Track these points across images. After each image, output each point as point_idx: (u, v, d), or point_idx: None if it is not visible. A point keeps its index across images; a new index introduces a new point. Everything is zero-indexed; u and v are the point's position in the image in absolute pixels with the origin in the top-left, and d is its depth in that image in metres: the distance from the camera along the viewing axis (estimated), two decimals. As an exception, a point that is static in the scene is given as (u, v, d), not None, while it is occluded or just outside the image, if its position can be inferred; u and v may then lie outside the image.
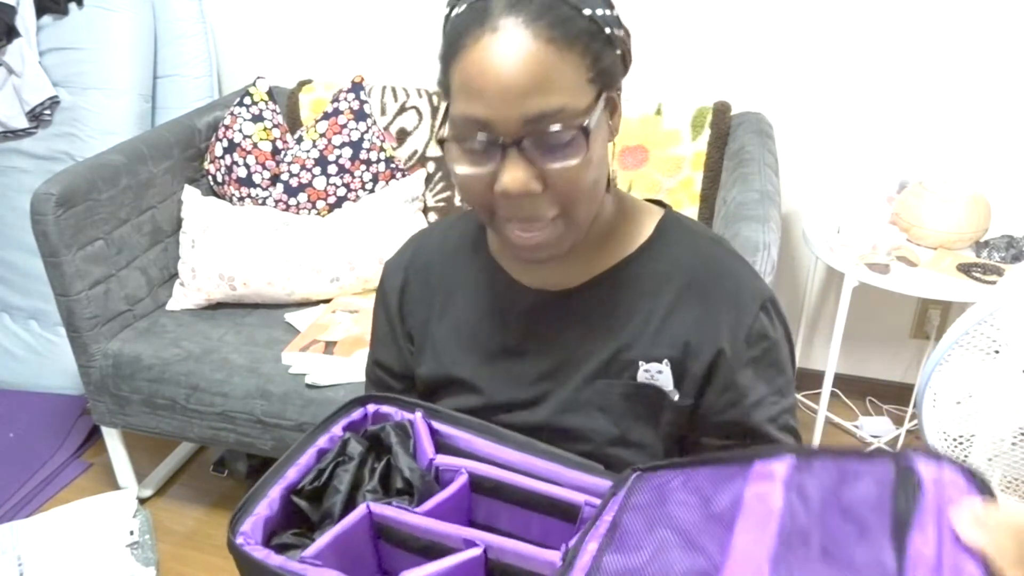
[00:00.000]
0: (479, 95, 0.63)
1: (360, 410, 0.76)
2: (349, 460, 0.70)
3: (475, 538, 0.63)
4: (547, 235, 0.68)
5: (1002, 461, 1.09)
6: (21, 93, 2.05)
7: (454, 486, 0.68)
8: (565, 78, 0.63)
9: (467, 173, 0.67)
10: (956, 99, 1.82)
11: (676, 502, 0.60)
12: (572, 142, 0.64)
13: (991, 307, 1.07)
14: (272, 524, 0.66)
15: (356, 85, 1.95)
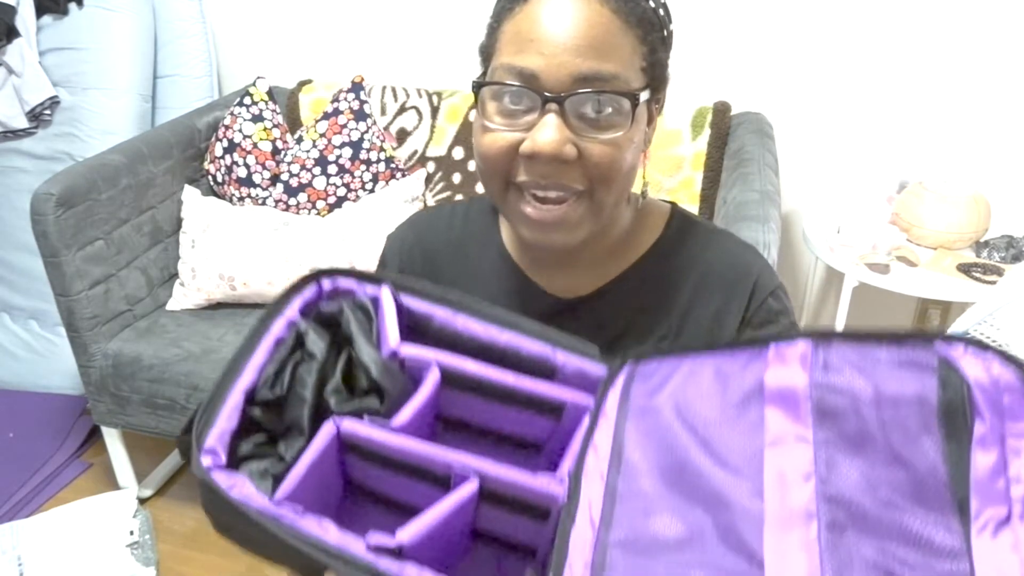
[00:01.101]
0: (531, 44, 0.60)
1: (314, 287, 0.64)
2: (311, 359, 0.59)
3: (463, 465, 0.54)
4: (566, 212, 0.64)
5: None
6: (21, 93, 2.05)
7: (427, 388, 0.59)
8: (623, 51, 0.61)
9: (496, 127, 0.63)
10: (956, 99, 1.82)
11: (686, 404, 0.53)
12: (618, 114, 0.62)
13: (991, 307, 1.07)
14: (234, 433, 0.56)
15: (356, 85, 1.95)
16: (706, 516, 0.46)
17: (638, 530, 0.48)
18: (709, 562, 0.44)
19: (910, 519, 0.41)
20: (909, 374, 0.46)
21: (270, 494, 0.52)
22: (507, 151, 0.63)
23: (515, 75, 0.61)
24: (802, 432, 0.47)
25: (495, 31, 0.65)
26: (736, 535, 0.44)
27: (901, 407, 0.45)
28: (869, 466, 0.44)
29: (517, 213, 0.66)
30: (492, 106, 0.63)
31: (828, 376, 0.48)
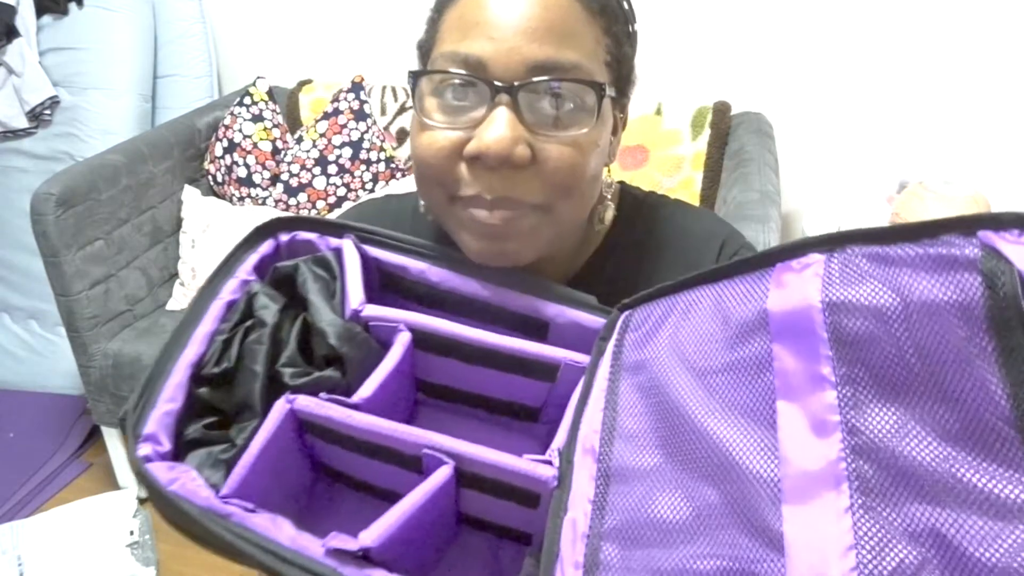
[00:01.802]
0: (476, 28, 0.52)
1: (270, 241, 0.56)
2: (261, 327, 0.51)
3: (438, 446, 0.47)
4: (517, 222, 0.54)
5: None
6: (21, 93, 2.05)
7: (394, 355, 0.52)
8: (585, 39, 0.53)
9: (436, 125, 0.53)
10: (956, 99, 1.82)
11: (683, 351, 0.45)
12: (580, 110, 0.53)
13: (991, 307, 1.07)
14: (180, 415, 0.49)
15: (356, 85, 1.95)
16: (714, 490, 0.38)
17: (636, 515, 0.41)
18: (719, 550, 0.37)
19: (968, 472, 0.31)
20: (947, 276, 0.34)
21: (221, 486, 0.46)
22: (449, 153, 0.53)
23: (459, 63, 0.52)
24: (819, 370, 0.37)
25: (436, 23, 0.58)
26: (750, 511, 0.36)
27: (941, 321, 0.34)
28: (908, 406, 0.34)
29: (462, 224, 0.56)
30: (432, 102, 0.54)
31: (846, 292, 0.37)
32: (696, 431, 0.41)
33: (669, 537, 0.39)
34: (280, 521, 0.44)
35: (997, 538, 0.29)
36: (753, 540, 0.35)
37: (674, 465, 0.41)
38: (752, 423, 0.38)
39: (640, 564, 0.39)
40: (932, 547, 0.31)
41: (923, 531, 0.31)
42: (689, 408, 0.42)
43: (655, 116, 1.82)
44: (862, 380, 0.36)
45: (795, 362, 0.38)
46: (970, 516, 0.30)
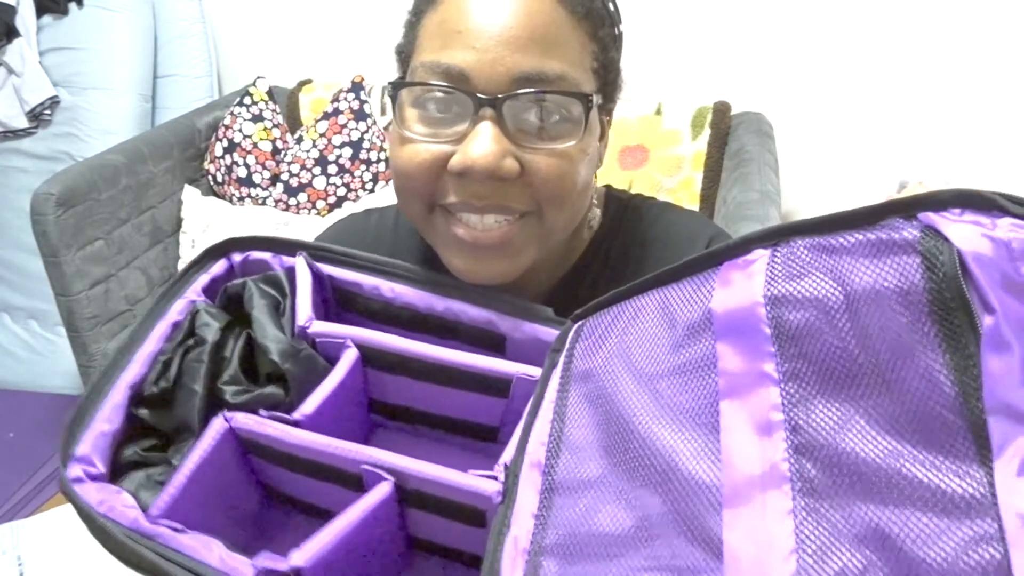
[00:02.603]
0: (458, 37, 0.50)
1: (222, 262, 0.55)
2: (201, 344, 0.50)
3: (376, 462, 0.45)
4: (507, 232, 0.53)
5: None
6: (21, 93, 2.05)
7: (339, 371, 0.50)
8: (571, 47, 0.51)
9: (418, 138, 0.52)
10: (956, 99, 1.82)
11: (629, 356, 0.44)
12: (567, 121, 0.52)
13: (991, 307, 1.07)
14: (117, 437, 0.49)
15: (356, 85, 1.95)
16: (656, 498, 0.37)
17: (578, 529, 0.39)
18: (659, 561, 0.35)
19: (914, 467, 0.30)
20: (887, 261, 0.33)
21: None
22: (431, 167, 0.52)
23: (440, 74, 0.50)
24: (762, 368, 0.36)
25: (414, 27, 0.55)
26: (692, 518, 0.35)
27: (883, 308, 0.32)
28: (853, 400, 0.33)
29: (446, 238, 0.54)
30: (413, 113, 0.52)
31: (788, 286, 0.36)
32: (640, 438, 0.39)
33: (610, 550, 0.37)
34: (211, 543, 0.43)
35: (942, 536, 0.28)
36: (694, 548, 0.34)
37: (618, 474, 0.40)
38: (696, 427, 0.37)
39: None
40: (876, 549, 0.29)
41: (867, 532, 0.30)
42: (634, 415, 0.40)
43: (655, 116, 1.82)
44: (806, 375, 0.34)
45: (738, 361, 0.37)
46: (915, 514, 0.29)
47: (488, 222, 0.52)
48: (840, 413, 0.33)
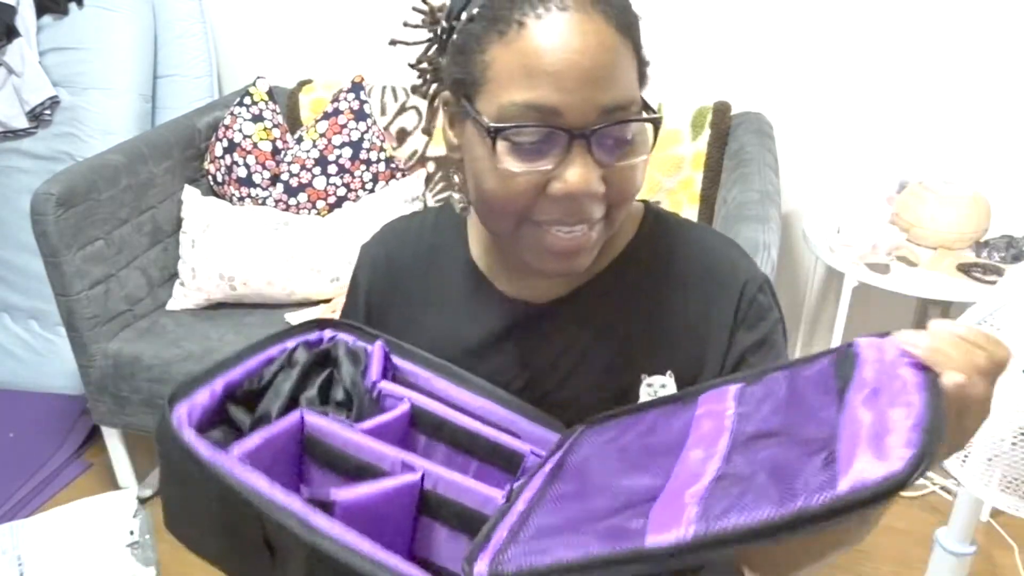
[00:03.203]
0: (548, 79, 0.55)
1: (316, 333, 0.67)
2: (293, 366, 0.62)
3: (414, 463, 0.56)
4: (588, 238, 0.61)
5: (1002, 461, 1.09)
6: (21, 93, 2.05)
7: (395, 412, 0.61)
8: (630, 70, 0.59)
9: (517, 171, 0.58)
10: (956, 99, 1.82)
11: (623, 439, 0.58)
12: (639, 139, 0.60)
13: (991, 307, 1.07)
14: (206, 416, 0.57)
15: (356, 85, 1.95)
16: (608, 500, 0.50)
17: (549, 521, 0.51)
18: (599, 526, 0.47)
19: (786, 455, 0.45)
20: (819, 367, 0.51)
21: None
22: (530, 192, 0.59)
23: (534, 113, 0.56)
24: (717, 449, 0.50)
25: (478, 59, 0.58)
26: (631, 507, 0.48)
27: (808, 393, 0.50)
28: (771, 447, 0.47)
29: (533, 245, 0.62)
30: (504, 146, 0.57)
31: (752, 406, 0.52)
32: (616, 479, 0.53)
33: (567, 526, 0.49)
34: (269, 481, 0.51)
35: (800, 456, 0.44)
36: (627, 516, 0.47)
37: (589, 491, 0.53)
38: (659, 472, 0.51)
39: (538, 547, 0.49)
40: (743, 493, 0.43)
41: (740, 490, 0.44)
42: (617, 470, 0.54)
43: (655, 116, 1.82)
44: (745, 442, 0.50)
45: (701, 443, 0.52)
46: (788, 447, 0.46)
47: (576, 233, 0.61)
48: (758, 455, 0.47)
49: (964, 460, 1.12)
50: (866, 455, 0.40)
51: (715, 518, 0.42)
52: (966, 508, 1.22)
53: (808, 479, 0.41)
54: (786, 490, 0.41)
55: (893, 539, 1.77)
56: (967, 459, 1.12)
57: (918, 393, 0.42)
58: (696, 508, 0.44)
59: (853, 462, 0.40)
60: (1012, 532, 1.74)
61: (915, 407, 0.41)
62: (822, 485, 0.40)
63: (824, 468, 0.42)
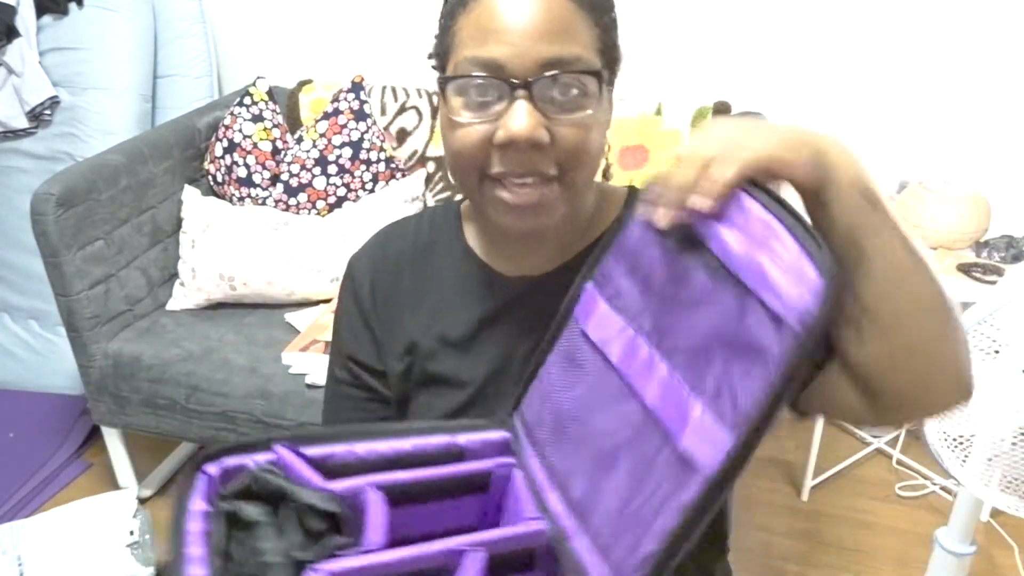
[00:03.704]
0: (494, 35, 0.62)
1: (201, 477, 0.59)
2: (255, 526, 0.55)
3: (458, 546, 0.55)
4: (543, 194, 0.65)
5: (1002, 461, 1.09)
6: (21, 93, 2.05)
7: (376, 507, 0.57)
8: (581, 34, 0.63)
9: (467, 120, 0.64)
10: (956, 99, 1.82)
11: (566, 405, 0.63)
12: (584, 95, 0.63)
13: (991, 307, 1.07)
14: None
15: (356, 85, 1.95)
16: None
17: (608, 506, 0.56)
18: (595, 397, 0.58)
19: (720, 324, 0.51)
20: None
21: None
22: (480, 143, 0.64)
23: (480, 66, 0.62)
24: (645, 357, 0.56)
25: (449, 29, 0.66)
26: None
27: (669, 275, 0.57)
28: (695, 326, 0.53)
29: (494, 201, 0.67)
30: (458, 101, 0.64)
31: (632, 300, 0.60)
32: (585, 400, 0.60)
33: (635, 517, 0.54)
34: None
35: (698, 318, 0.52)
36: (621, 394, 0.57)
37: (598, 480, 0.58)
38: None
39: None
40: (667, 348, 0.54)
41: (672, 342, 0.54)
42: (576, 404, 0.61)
43: (655, 116, 1.82)
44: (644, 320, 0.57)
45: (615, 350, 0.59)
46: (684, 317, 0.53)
47: (528, 184, 0.64)
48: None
49: (964, 460, 1.12)
50: (786, 284, 0.46)
51: (728, 398, 0.47)
52: (966, 508, 1.21)
53: (760, 331, 0.46)
54: (749, 348, 0.46)
55: (893, 539, 1.77)
56: (967, 459, 1.12)
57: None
58: (699, 400, 0.49)
59: (783, 295, 0.46)
60: (1012, 532, 1.74)
61: (773, 229, 0.48)
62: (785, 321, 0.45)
63: (766, 316, 0.46)
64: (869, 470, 1.97)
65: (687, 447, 0.49)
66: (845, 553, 1.74)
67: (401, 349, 0.78)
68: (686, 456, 0.49)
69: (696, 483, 0.48)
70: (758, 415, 0.45)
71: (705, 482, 0.47)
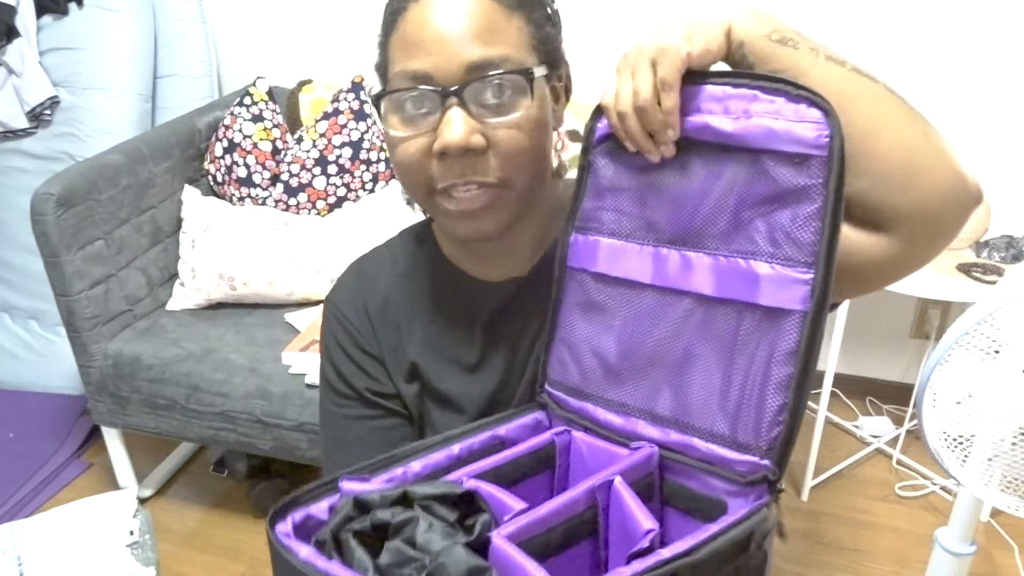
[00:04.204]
0: (419, 46, 0.61)
1: (280, 534, 0.54)
2: (416, 521, 0.53)
3: (600, 481, 0.56)
4: (489, 197, 0.65)
5: (1002, 461, 1.09)
6: (21, 93, 2.05)
7: (486, 486, 0.58)
8: (508, 34, 0.63)
9: (405, 135, 0.63)
10: (956, 99, 1.82)
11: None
12: (515, 94, 0.63)
13: (991, 307, 1.07)
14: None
15: (356, 85, 1.95)
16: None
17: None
18: None
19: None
20: None
21: None
22: (420, 156, 0.64)
23: (409, 79, 0.62)
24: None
25: (384, 46, 0.66)
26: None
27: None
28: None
29: (444, 211, 0.67)
30: (395, 117, 0.64)
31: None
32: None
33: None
34: None
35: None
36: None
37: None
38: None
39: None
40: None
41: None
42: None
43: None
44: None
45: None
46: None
47: (472, 191, 0.64)
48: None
49: (964, 460, 1.12)
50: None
51: (788, 242, 0.53)
52: (966, 508, 1.21)
53: (789, 175, 0.53)
54: (786, 194, 0.53)
55: (893, 539, 1.77)
56: (967, 459, 1.12)
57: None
58: (759, 260, 0.54)
59: (797, 135, 0.52)
60: (1012, 532, 1.74)
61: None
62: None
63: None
64: (869, 470, 1.97)
65: (770, 302, 0.53)
66: (845, 553, 1.74)
67: (405, 372, 0.77)
68: (773, 308, 0.53)
69: (795, 324, 0.53)
70: (825, 239, 0.52)
71: (803, 318, 0.52)
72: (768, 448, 0.54)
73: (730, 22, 0.57)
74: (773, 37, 0.58)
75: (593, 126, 0.63)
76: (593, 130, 0.63)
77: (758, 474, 0.54)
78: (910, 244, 0.58)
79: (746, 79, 0.55)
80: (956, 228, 0.58)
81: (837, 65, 0.58)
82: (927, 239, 0.58)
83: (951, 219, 0.57)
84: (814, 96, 0.52)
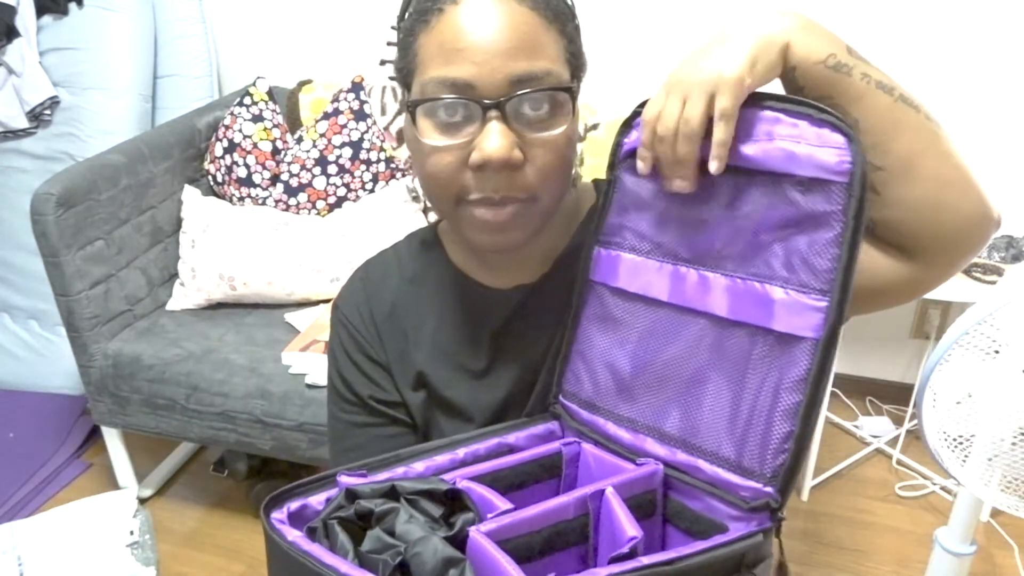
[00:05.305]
0: (460, 53, 0.59)
1: (275, 522, 0.56)
2: (399, 511, 0.54)
3: (593, 491, 0.56)
4: (516, 212, 0.64)
5: (1002, 461, 1.09)
6: (21, 93, 2.05)
7: (478, 487, 0.59)
8: (549, 47, 0.61)
9: (439, 144, 0.61)
10: (956, 99, 1.82)
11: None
12: (555, 110, 0.62)
13: (991, 307, 1.07)
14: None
15: (356, 85, 1.95)
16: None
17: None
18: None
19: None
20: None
21: None
22: (455, 167, 0.62)
23: (448, 87, 0.60)
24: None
25: (411, 46, 0.63)
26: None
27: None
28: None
29: (470, 222, 0.65)
30: (428, 123, 0.62)
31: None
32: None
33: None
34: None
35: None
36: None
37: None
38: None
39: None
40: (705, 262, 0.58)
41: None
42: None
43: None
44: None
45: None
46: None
47: (505, 212, 0.63)
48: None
49: (964, 460, 1.12)
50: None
51: (804, 268, 0.53)
52: (966, 508, 1.21)
53: (808, 200, 0.53)
54: (804, 219, 0.53)
55: (893, 539, 1.77)
56: (967, 459, 1.12)
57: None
58: (774, 284, 0.54)
59: (818, 161, 0.52)
60: (1012, 532, 1.74)
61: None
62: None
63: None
64: (869, 470, 1.97)
65: (783, 327, 0.53)
66: (845, 553, 1.74)
67: (412, 380, 0.76)
68: (786, 335, 0.53)
69: (806, 351, 0.52)
70: (842, 267, 0.51)
71: (815, 346, 0.52)
72: (772, 475, 0.54)
73: (789, 43, 0.55)
74: (829, 63, 0.56)
75: (620, 140, 0.63)
76: (620, 144, 0.63)
77: (760, 501, 0.54)
78: (930, 269, 0.59)
79: (771, 100, 0.54)
80: (974, 255, 0.59)
81: (886, 94, 0.58)
82: (947, 265, 0.60)
83: (974, 248, 0.59)
84: (838, 121, 0.51)
